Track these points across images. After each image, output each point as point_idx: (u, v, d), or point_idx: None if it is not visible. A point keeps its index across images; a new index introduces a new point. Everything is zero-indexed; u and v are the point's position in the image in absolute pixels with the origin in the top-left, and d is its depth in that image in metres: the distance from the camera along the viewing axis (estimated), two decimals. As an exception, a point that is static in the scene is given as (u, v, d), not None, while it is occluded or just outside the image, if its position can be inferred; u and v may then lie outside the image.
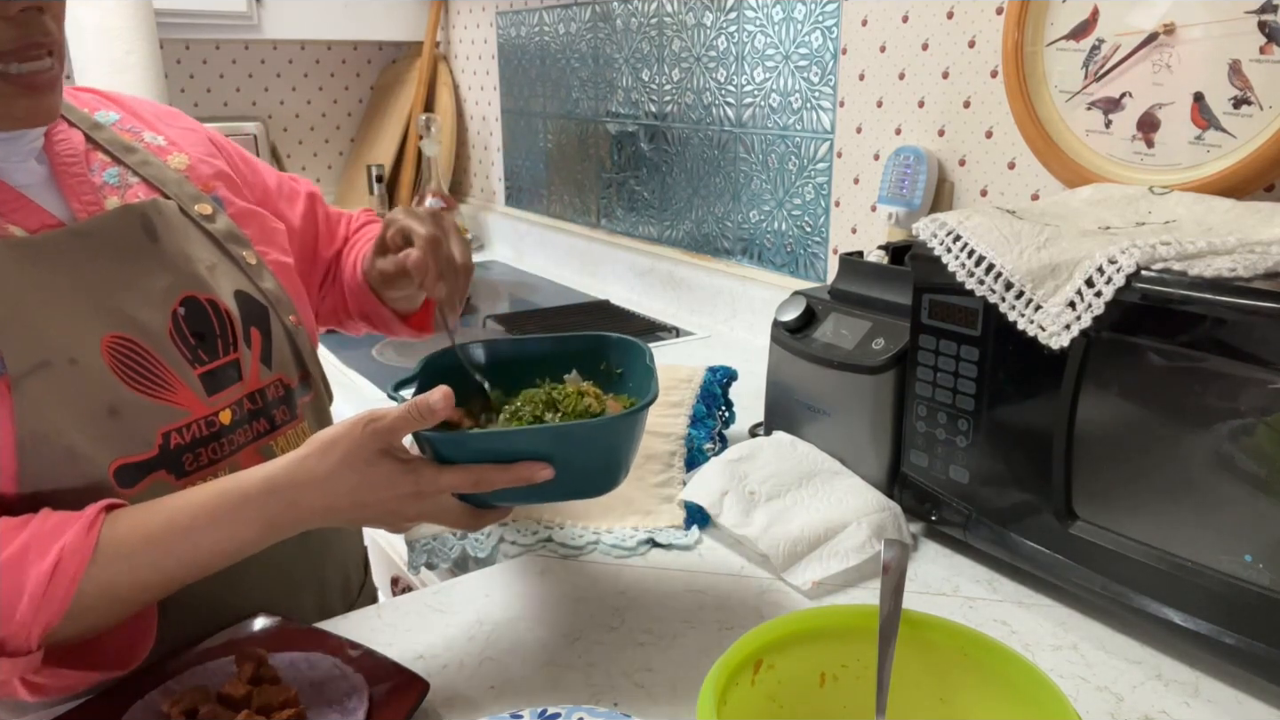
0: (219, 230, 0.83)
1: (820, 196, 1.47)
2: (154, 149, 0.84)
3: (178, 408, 0.75)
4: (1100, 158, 1.04)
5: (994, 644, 0.59)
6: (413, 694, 0.67)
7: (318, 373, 0.90)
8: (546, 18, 2.09)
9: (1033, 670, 0.57)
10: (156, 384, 0.74)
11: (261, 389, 0.82)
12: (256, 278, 0.84)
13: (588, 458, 0.71)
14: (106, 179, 0.78)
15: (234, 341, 0.80)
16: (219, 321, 0.79)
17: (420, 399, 0.67)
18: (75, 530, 0.63)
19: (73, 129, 0.79)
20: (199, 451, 0.76)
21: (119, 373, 0.71)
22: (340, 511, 0.68)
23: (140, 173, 0.81)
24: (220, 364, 0.79)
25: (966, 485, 0.86)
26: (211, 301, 0.79)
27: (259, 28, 2.26)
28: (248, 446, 0.80)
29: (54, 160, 0.76)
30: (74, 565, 0.62)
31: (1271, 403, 0.64)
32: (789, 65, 1.49)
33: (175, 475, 0.74)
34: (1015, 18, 1.08)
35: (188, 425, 0.75)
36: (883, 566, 0.63)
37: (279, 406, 0.84)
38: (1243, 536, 0.68)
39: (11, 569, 0.61)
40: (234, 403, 0.79)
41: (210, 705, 0.65)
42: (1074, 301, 0.73)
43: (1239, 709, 0.69)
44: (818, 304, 1.04)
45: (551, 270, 2.20)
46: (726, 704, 0.56)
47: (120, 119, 0.85)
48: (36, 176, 0.74)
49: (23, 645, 0.61)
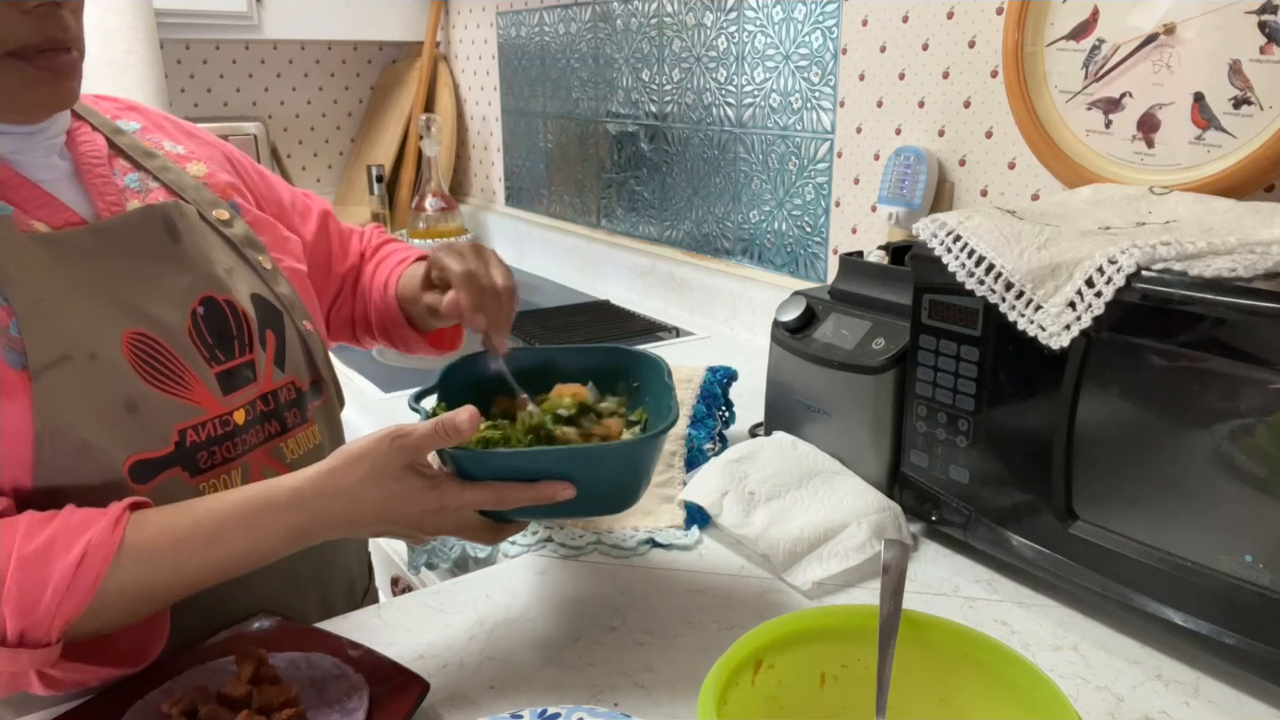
0: (236, 235, 0.84)
1: (820, 196, 1.47)
2: (173, 156, 0.85)
3: (194, 405, 0.75)
4: (1100, 158, 1.04)
5: (994, 644, 0.59)
6: (413, 694, 0.67)
7: (330, 377, 0.91)
8: (546, 18, 2.09)
9: (1033, 670, 0.57)
10: (175, 381, 0.74)
11: (274, 391, 0.83)
12: (272, 282, 0.85)
13: (609, 478, 0.73)
14: (128, 183, 0.80)
15: (250, 343, 0.81)
16: (236, 322, 0.80)
17: (447, 418, 0.68)
18: (101, 526, 0.64)
19: (95, 133, 0.80)
20: (213, 450, 0.77)
21: (138, 369, 0.72)
22: (363, 524, 0.69)
23: (160, 178, 0.82)
24: (236, 364, 0.79)
25: (966, 485, 0.86)
26: (229, 302, 0.80)
27: (259, 28, 2.26)
28: (260, 447, 0.81)
29: (78, 159, 0.77)
30: (99, 560, 0.63)
31: (1271, 403, 0.64)
32: (789, 65, 1.49)
33: (190, 473, 0.75)
34: (1015, 18, 1.08)
35: (203, 423, 0.76)
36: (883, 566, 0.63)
37: (290, 409, 0.84)
38: (1243, 536, 0.68)
39: (38, 561, 0.62)
40: (248, 403, 0.80)
41: (210, 705, 0.65)
42: (1074, 301, 0.73)
43: (1239, 709, 0.69)
44: (818, 304, 1.04)
45: (552, 270, 2.20)
46: (726, 704, 0.56)
47: (141, 127, 0.86)
48: (59, 173, 0.75)
49: (43, 637, 0.62)
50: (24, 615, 0.61)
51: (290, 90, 2.57)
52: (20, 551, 0.62)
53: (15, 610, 0.61)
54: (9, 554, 0.62)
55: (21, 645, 0.62)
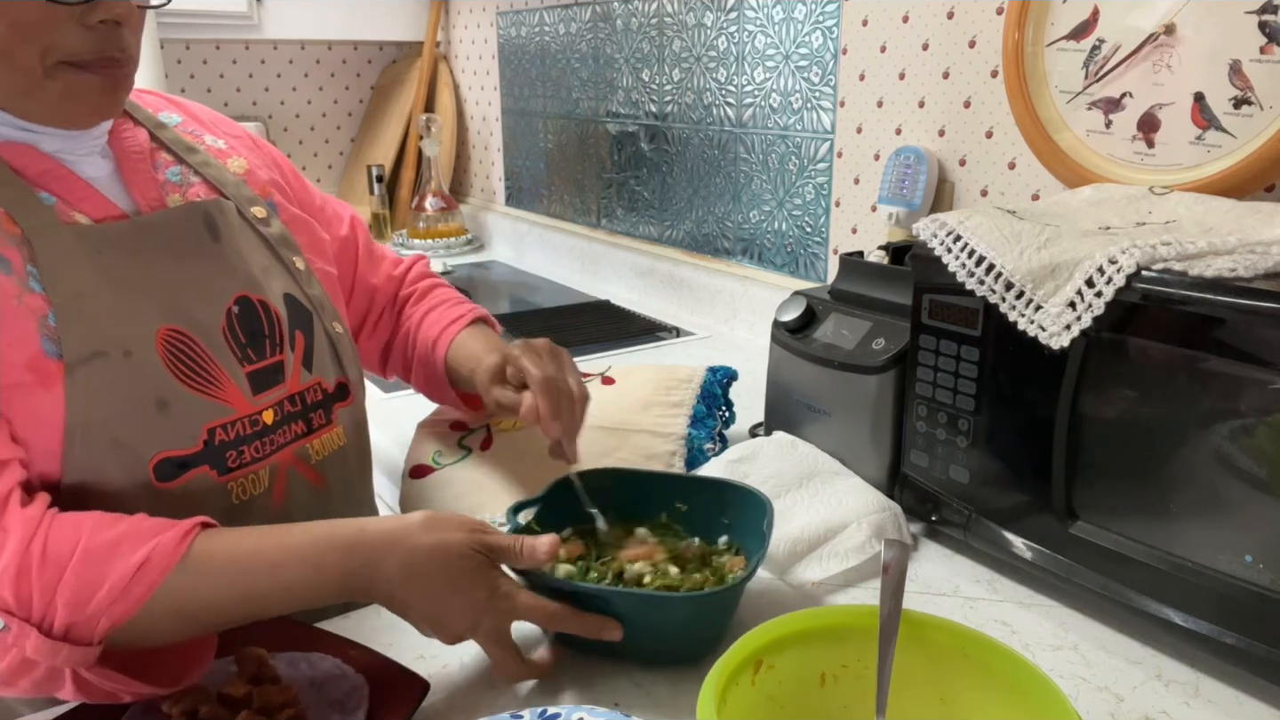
0: (272, 234, 0.84)
1: (820, 196, 1.47)
2: (214, 151, 0.86)
3: (225, 404, 0.75)
4: (1100, 158, 1.04)
5: (994, 644, 0.59)
6: (413, 694, 0.67)
7: (356, 380, 0.90)
8: (547, 18, 2.09)
9: (1033, 670, 0.57)
10: (207, 380, 0.75)
11: (301, 391, 0.83)
12: (304, 283, 0.85)
13: (661, 628, 0.73)
14: (169, 176, 0.80)
15: (280, 343, 0.81)
16: (269, 323, 0.80)
17: (529, 542, 0.70)
18: (170, 535, 0.64)
19: (138, 127, 0.81)
20: (242, 449, 0.77)
21: (171, 366, 0.72)
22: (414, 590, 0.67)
23: (201, 173, 0.82)
24: (267, 364, 0.79)
25: (966, 485, 0.86)
26: (263, 302, 0.80)
27: (259, 28, 2.27)
28: (286, 448, 0.81)
29: (119, 155, 0.78)
30: (158, 569, 0.63)
31: (1271, 403, 0.64)
32: (789, 65, 1.49)
33: (218, 472, 0.75)
34: (1015, 18, 1.08)
35: (232, 422, 0.76)
36: (883, 566, 0.63)
37: (316, 410, 0.84)
38: (1243, 536, 0.68)
39: (101, 557, 0.62)
40: (276, 403, 0.80)
41: (210, 705, 0.65)
42: (1074, 301, 0.73)
43: (1239, 709, 0.69)
44: (818, 304, 1.04)
45: (552, 270, 2.20)
46: (726, 704, 0.56)
47: (182, 121, 0.87)
48: (103, 170, 0.76)
49: (86, 636, 0.62)
50: (76, 610, 0.61)
51: (290, 90, 2.57)
52: (87, 544, 0.62)
53: (69, 603, 0.61)
54: (76, 544, 0.62)
55: (64, 639, 0.61)
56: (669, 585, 0.76)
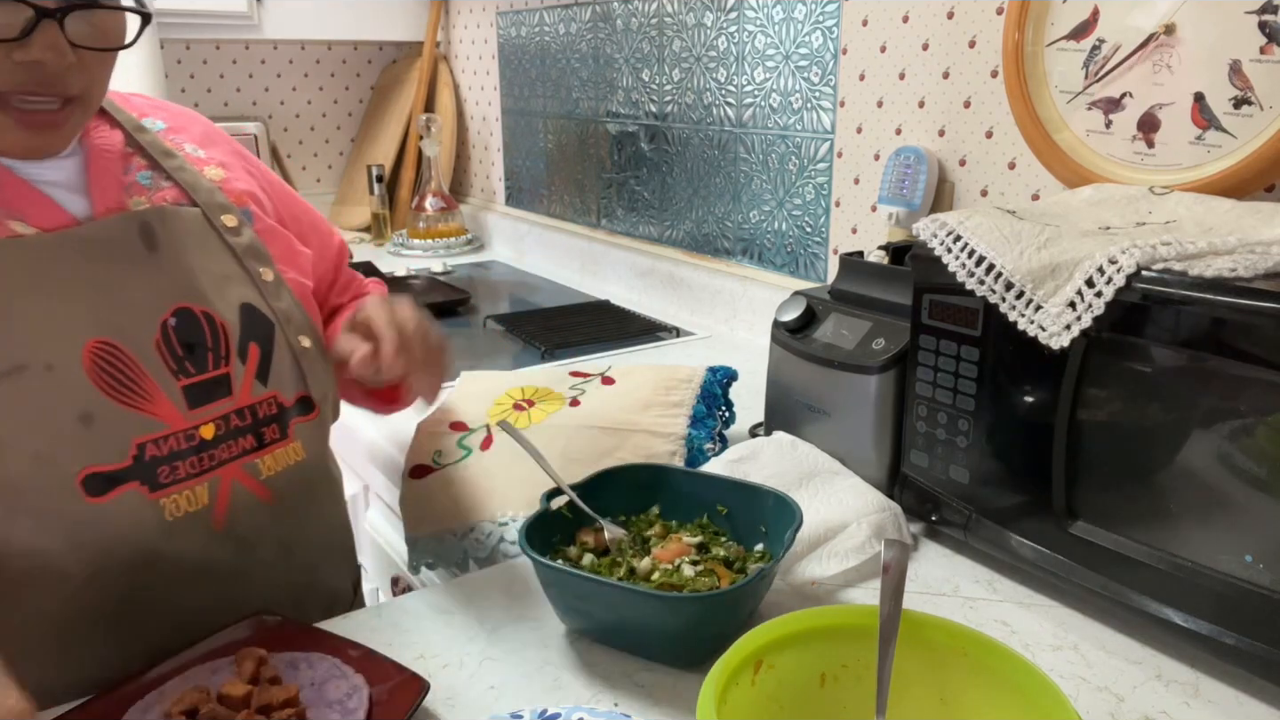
0: (240, 244, 0.83)
1: (820, 196, 1.47)
2: (192, 159, 0.85)
3: (155, 419, 0.74)
4: (1100, 158, 1.04)
5: (994, 644, 0.59)
6: (413, 694, 0.67)
7: (325, 395, 0.88)
8: (547, 18, 2.09)
9: (1033, 670, 0.57)
10: (135, 393, 0.74)
11: (253, 405, 0.81)
12: (270, 295, 0.84)
13: (662, 627, 0.72)
14: (139, 179, 0.79)
15: (226, 356, 0.79)
16: (212, 334, 0.79)
17: None
18: None
19: (115, 129, 0.80)
20: (176, 465, 0.75)
21: (97, 380, 0.71)
22: None
23: (174, 177, 0.82)
24: (208, 377, 0.78)
25: (966, 485, 0.86)
26: (206, 314, 0.78)
27: (259, 28, 2.26)
28: (232, 463, 0.79)
29: (90, 153, 0.77)
30: None
31: (1271, 403, 0.64)
32: (789, 65, 1.49)
33: (149, 488, 0.74)
34: (1015, 18, 1.08)
35: (165, 437, 0.75)
36: (883, 566, 0.63)
37: (269, 425, 0.82)
38: (1243, 536, 0.68)
39: None
40: (219, 417, 0.78)
41: (210, 705, 0.65)
42: (1074, 301, 0.73)
43: (1239, 709, 0.69)
44: (818, 304, 1.04)
45: (552, 270, 2.20)
46: (726, 704, 0.56)
47: (166, 128, 0.86)
48: (66, 172, 0.75)
49: None
50: None
51: (290, 90, 2.57)
52: None
53: None
54: None
55: None
56: (675, 584, 0.76)
